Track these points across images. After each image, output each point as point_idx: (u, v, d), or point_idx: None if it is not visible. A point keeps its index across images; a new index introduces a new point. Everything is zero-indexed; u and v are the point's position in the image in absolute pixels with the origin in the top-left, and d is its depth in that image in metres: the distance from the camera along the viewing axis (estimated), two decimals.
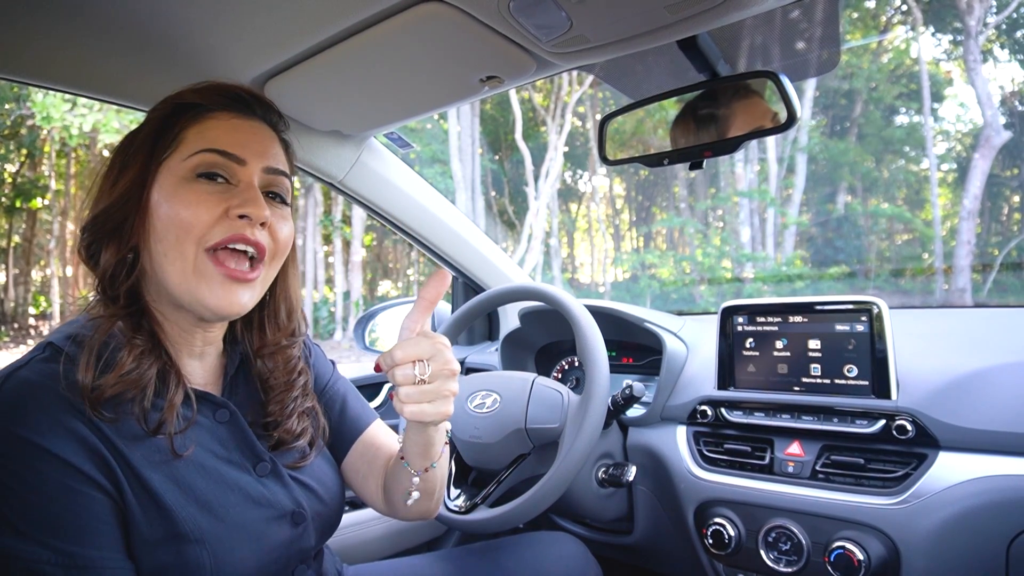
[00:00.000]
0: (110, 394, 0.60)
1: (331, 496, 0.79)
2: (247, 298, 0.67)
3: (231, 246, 0.65)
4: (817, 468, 1.01)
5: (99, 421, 0.59)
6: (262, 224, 0.66)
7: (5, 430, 0.56)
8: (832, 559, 0.94)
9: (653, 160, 0.99)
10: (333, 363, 0.95)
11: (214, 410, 0.70)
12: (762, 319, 1.14)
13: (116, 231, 0.66)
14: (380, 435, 0.91)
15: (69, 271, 11.80)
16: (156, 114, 0.69)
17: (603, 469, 1.18)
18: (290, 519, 0.71)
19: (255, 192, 0.66)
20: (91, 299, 0.68)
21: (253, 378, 0.78)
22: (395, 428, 1.19)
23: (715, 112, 0.94)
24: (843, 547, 0.93)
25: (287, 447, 0.75)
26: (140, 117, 0.75)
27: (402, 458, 0.77)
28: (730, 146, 0.91)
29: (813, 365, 1.07)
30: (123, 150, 0.69)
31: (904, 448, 0.96)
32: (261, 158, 0.69)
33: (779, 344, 1.12)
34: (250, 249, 0.66)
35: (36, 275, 12.28)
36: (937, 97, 11.33)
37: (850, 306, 1.05)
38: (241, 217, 0.65)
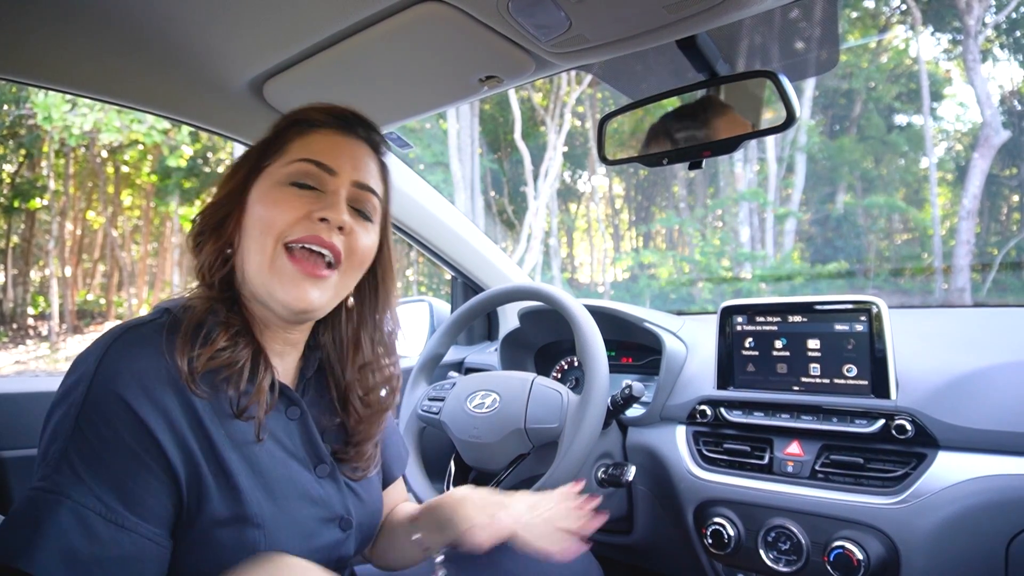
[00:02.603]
0: (204, 369, 0.62)
1: (375, 508, 0.81)
2: (316, 296, 0.69)
3: (307, 246, 0.68)
4: (816, 468, 1.01)
5: (192, 396, 0.61)
6: (340, 229, 0.69)
7: (106, 382, 0.58)
8: (831, 559, 0.94)
9: (652, 160, 0.99)
10: None
11: (287, 406, 0.73)
12: (761, 319, 1.14)
13: (218, 227, 0.71)
14: (398, 489, 0.96)
15: (68, 271, 11.79)
16: (273, 128, 0.75)
17: (602, 469, 1.18)
18: (339, 523, 0.73)
19: (338, 199, 0.70)
20: (195, 285, 0.72)
21: (326, 385, 0.80)
22: None
23: (714, 112, 0.94)
24: (842, 547, 0.93)
25: (353, 464, 0.78)
26: (142, 117, 0.75)
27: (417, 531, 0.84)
28: (729, 146, 0.91)
29: (812, 365, 1.08)
30: (242, 157, 0.75)
31: (903, 448, 0.96)
32: (352, 172, 0.72)
33: (778, 344, 1.12)
34: (326, 252, 0.69)
35: (35, 275, 12.26)
36: (936, 97, 11.32)
37: (849, 306, 1.05)
38: (322, 220, 0.68)
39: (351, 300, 0.79)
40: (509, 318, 1.80)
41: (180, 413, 0.60)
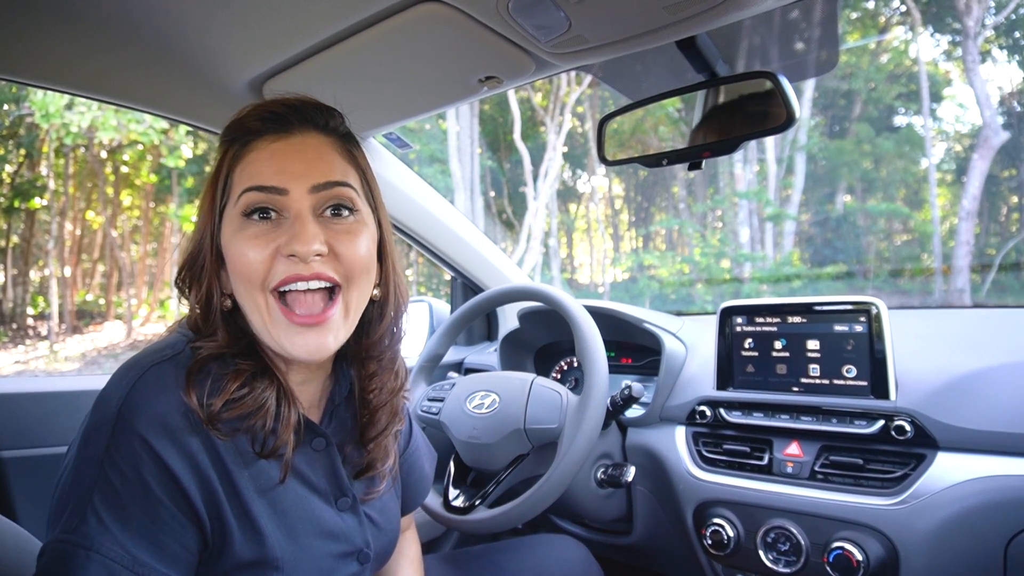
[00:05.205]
0: (230, 417, 0.60)
1: (393, 537, 0.79)
2: (331, 339, 0.63)
3: (292, 287, 0.62)
4: (816, 468, 1.01)
5: (215, 437, 0.59)
6: (318, 255, 0.61)
7: (130, 425, 0.56)
8: (831, 559, 0.94)
9: (652, 160, 0.99)
10: (411, 421, 0.93)
11: (312, 438, 0.70)
12: (761, 319, 1.14)
13: (198, 275, 0.66)
14: (407, 521, 0.94)
15: (68, 271, 11.78)
16: (217, 155, 0.68)
17: (602, 469, 1.18)
18: (357, 557, 0.71)
19: (301, 224, 0.61)
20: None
21: (354, 406, 0.75)
22: None
23: (714, 112, 0.94)
24: (842, 547, 0.93)
25: (372, 472, 0.74)
26: (139, 116, 0.75)
27: None
28: (729, 146, 0.91)
29: (812, 365, 1.08)
30: (202, 192, 0.68)
31: (903, 448, 0.96)
32: (304, 179, 0.63)
33: (778, 344, 1.12)
34: (315, 283, 0.62)
35: (35, 275, 12.25)
36: (936, 97, 11.33)
37: (849, 306, 1.05)
38: (291, 256, 0.61)
39: (376, 291, 0.71)
40: (509, 318, 1.80)
41: (204, 456, 0.58)
